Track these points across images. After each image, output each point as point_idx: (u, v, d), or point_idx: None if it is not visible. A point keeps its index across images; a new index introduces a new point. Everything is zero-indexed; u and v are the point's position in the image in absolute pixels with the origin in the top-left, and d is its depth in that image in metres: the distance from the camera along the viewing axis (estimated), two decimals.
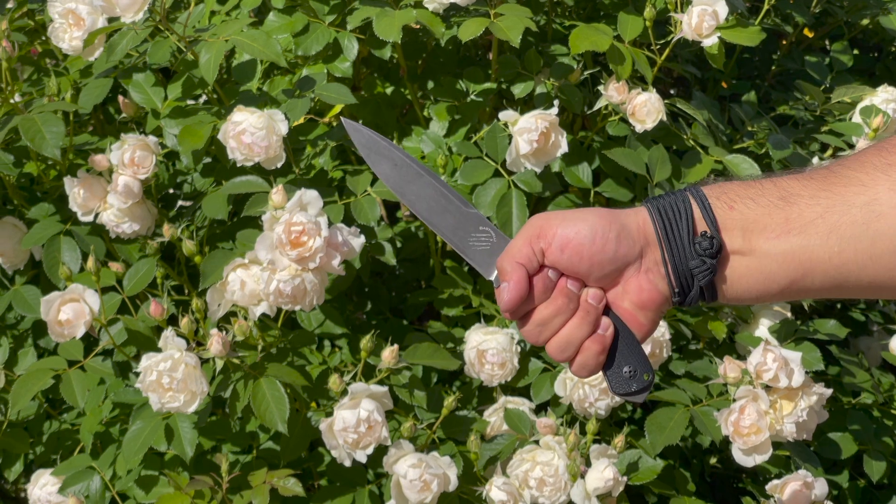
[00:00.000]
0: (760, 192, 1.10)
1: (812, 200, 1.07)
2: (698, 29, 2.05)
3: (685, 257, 1.10)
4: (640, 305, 1.13)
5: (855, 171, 1.07)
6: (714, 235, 1.09)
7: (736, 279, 1.10)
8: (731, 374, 1.82)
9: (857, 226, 1.04)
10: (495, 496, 1.78)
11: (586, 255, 1.10)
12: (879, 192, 1.04)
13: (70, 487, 1.94)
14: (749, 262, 1.09)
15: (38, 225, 2.11)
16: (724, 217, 1.10)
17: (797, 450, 1.96)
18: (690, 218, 1.10)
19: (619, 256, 1.10)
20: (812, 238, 1.06)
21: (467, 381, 2.13)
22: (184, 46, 2.03)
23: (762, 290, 1.10)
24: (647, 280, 1.11)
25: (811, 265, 1.07)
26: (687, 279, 1.10)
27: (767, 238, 1.08)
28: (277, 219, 1.75)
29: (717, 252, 1.09)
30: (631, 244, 1.10)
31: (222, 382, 1.83)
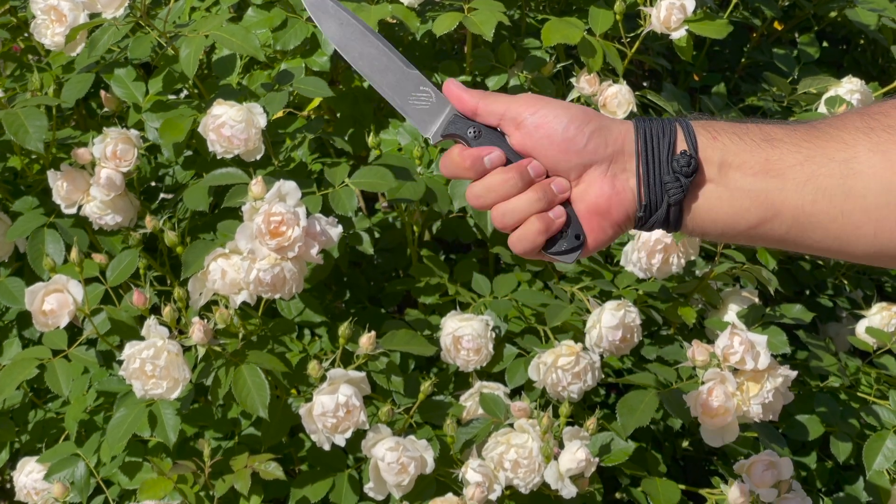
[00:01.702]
0: (745, 131, 1.12)
1: (794, 147, 1.09)
2: (667, 22, 2.09)
3: (660, 171, 1.12)
4: (597, 210, 1.14)
5: (837, 130, 1.09)
6: (693, 155, 1.11)
7: (705, 208, 1.12)
8: (700, 357, 1.85)
9: (835, 178, 1.07)
10: (471, 478, 1.81)
11: (556, 139, 1.13)
12: (859, 152, 1.07)
13: (55, 474, 1.97)
14: (721, 193, 1.11)
15: (23, 218, 2.13)
16: (706, 144, 1.12)
17: (764, 431, 2.00)
18: (673, 137, 1.12)
19: (587, 150, 1.12)
20: (789, 182, 1.09)
21: (444, 366, 2.16)
22: (164, 42, 2.06)
23: (728, 224, 1.13)
24: (610, 185, 1.13)
25: (783, 208, 1.10)
26: (657, 195, 1.12)
27: (745, 173, 1.10)
28: (257, 209, 1.78)
29: (692, 171, 1.11)
30: (603, 144, 1.12)
31: (204, 370, 1.85)
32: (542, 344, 2.04)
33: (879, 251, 1.10)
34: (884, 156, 1.06)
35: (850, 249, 1.11)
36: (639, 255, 2.01)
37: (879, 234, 1.08)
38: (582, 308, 2.05)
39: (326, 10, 1.23)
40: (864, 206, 1.07)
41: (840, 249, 1.12)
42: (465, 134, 1.18)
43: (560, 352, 1.93)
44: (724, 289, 2.21)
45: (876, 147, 1.07)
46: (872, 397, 2.18)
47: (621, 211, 1.14)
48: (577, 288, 2.10)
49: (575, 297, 2.09)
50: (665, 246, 1.99)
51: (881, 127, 1.08)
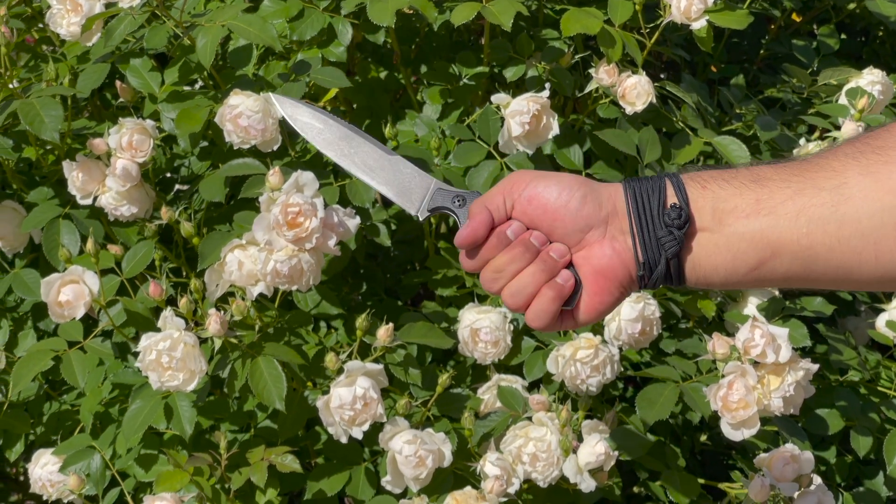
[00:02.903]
0: (734, 175, 1.12)
1: (783, 183, 1.09)
2: (687, 12, 2.07)
3: (653, 227, 1.13)
4: (601, 272, 1.15)
5: (827, 160, 1.09)
6: (682, 207, 1.11)
7: (703, 257, 1.13)
8: (720, 350, 1.84)
9: (826, 207, 1.07)
10: (489, 471, 1.81)
11: (550, 209, 1.14)
12: (849, 177, 1.06)
13: (71, 466, 1.97)
14: (717, 239, 1.12)
15: (38, 208, 2.13)
16: (696, 195, 1.12)
17: (785, 424, 1.99)
18: (663, 192, 1.13)
19: (581, 215, 1.14)
20: (781, 219, 1.08)
21: (461, 359, 2.15)
22: (180, 32, 2.05)
23: (730, 270, 1.13)
24: (610, 247, 1.14)
25: (779, 246, 1.09)
26: (654, 251, 1.13)
27: (737, 217, 1.10)
28: (274, 200, 1.77)
29: (684, 223, 1.11)
30: (597, 207, 1.14)
31: (220, 362, 1.85)
32: (561, 337, 2.03)
33: (885, 275, 1.09)
34: (874, 177, 1.05)
35: (855, 277, 1.10)
36: None
37: (881, 257, 1.07)
38: None
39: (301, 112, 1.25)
40: (860, 230, 1.06)
41: (846, 278, 1.11)
42: (449, 204, 1.22)
43: (579, 345, 1.91)
44: None
45: (865, 170, 1.06)
46: (893, 391, 2.17)
47: (625, 271, 1.15)
48: None
49: None
50: None
51: (870, 150, 1.07)
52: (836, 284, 1.14)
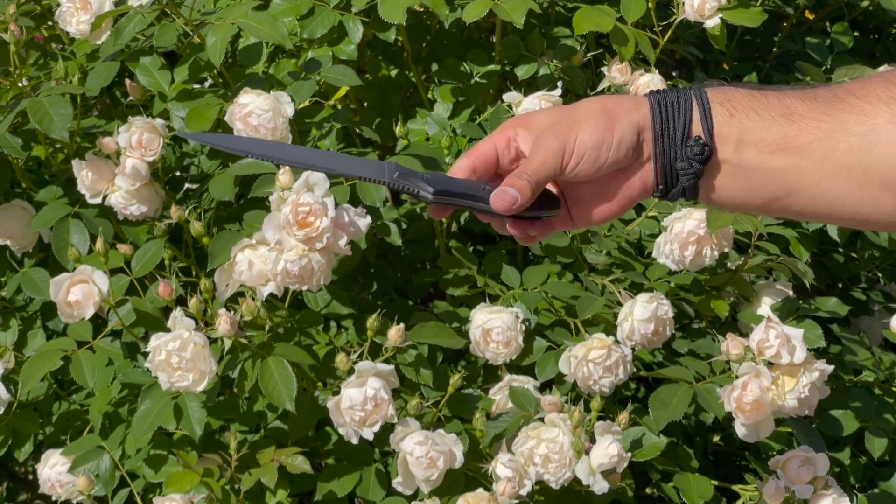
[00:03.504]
0: (764, 106, 1.09)
1: (813, 122, 1.07)
2: (700, 10, 2.06)
3: (673, 157, 1.10)
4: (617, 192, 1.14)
5: (859, 99, 1.06)
6: (707, 143, 1.09)
7: (721, 185, 1.11)
8: (734, 350, 1.83)
9: (853, 153, 1.05)
10: (501, 472, 1.80)
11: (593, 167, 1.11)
12: (879, 124, 1.04)
13: (80, 467, 1.96)
14: (737, 171, 1.10)
15: (47, 208, 2.12)
16: (722, 124, 1.09)
17: (799, 426, 1.98)
18: (688, 119, 1.10)
19: (617, 161, 1.11)
20: (806, 160, 1.07)
21: (472, 359, 2.14)
22: (190, 30, 2.04)
23: (744, 199, 1.11)
24: (634, 175, 1.13)
25: (799, 186, 1.08)
26: (671, 177, 1.11)
27: (761, 151, 1.08)
28: (284, 199, 1.76)
29: (706, 159, 1.09)
30: (626, 151, 1.11)
31: (230, 362, 1.84)
32: (573, 337, 2.02)
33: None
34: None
35: (871, 220, 1.09)
36: (671, 247, 1.98)
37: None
38: (613, 300, 2.03)
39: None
40: (882, 178, 1.05)
41: (862, 221, 1.10)
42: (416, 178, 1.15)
43: (591, 345, 1.90)
44: (758, 281, 2.18)
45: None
46: None
47: (641, 191, 1.14)
48: (608, 280, 2.07)
49: (606, 290, 2.06)
50: (698, 238, 1.96)
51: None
52: (850, 224, 1.14)
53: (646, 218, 2.16)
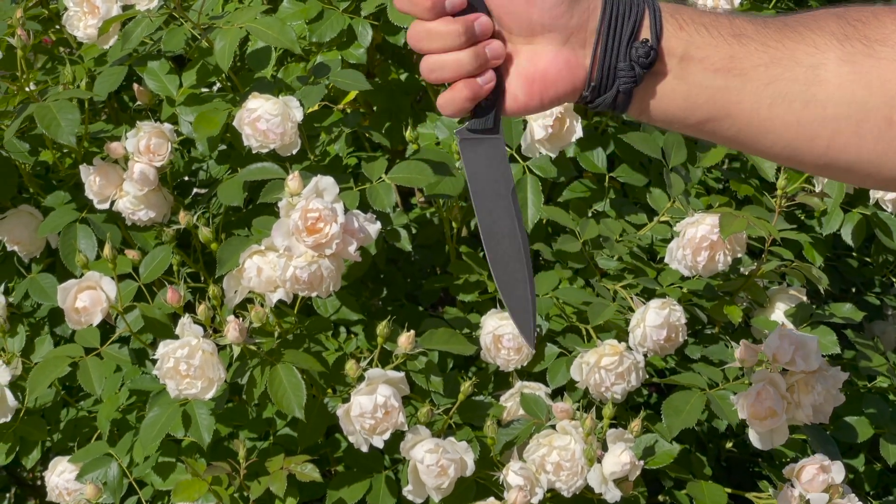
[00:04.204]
0: (714, 23, 1.07)
1: (761, 47, 1.04)
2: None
3: (616, 56, 1.06)
4: (541, 78, 1.08)
5: (811, 31, 1.04)
6: (653, 46, 1.05)
7: (657, 97, 1.08)
8: (748, 357, 1.82)
9: (798, 84, 1.03)
10: (512, 480, 1.78)
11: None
12: (829, 58, 1.02)
13: (87, 474, 1.95)
14: (677, 85, 1.07)
15: (54, 213, 2.11)
16: (671, 33, 1.06)
17: (814, 433, 1.96)
18: (638, 22, 1.06)
19: (551, 14, 1.06)
20: (749, 83, 1.04)
21: (483, 366, 2.13)
22: (198, 34, 2.03)
23: (678, 116, 1.08)
24: (565, 59, 1.07)
25: (738, 109, 1.05)
26: (608, 78, 1.07)
27: (706, 68, 1.05)
28: (293, 205, 1.75)
29: (650, 63, 1.05)
30: (569, 13, 1.06)
31: (239, 369, 1.83)
32: (585, 343, 2.00)
33: (830, 163, 1.06)
34: (853, 67, 1.02)
35: (801, 158, 1.07)
36: (684, 253, 1.97)
37: (833, 146, 1.04)
38: (625, 306, 2.01)
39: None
40: (823, 115, 1.03)
41: (791, 157, 1.08)
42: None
43: (603, 351, 1.89)
44: (771, 286, 2.17)
45: (848, 57, 1.02)
46: None
47: (568, 86, 1.09)
48: (619, 286, 2.06)
49: (618, 295, 2.05)
50: (711, 243, 1.95)
51: (857, 36, 1.03)
52: (779, 160, 1.12)
53: (658, 223, 2.15)
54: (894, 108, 1.01)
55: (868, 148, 1.04)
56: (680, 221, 2.00)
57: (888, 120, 1.02)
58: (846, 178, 1.11)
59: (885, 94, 1.01)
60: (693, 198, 2.18)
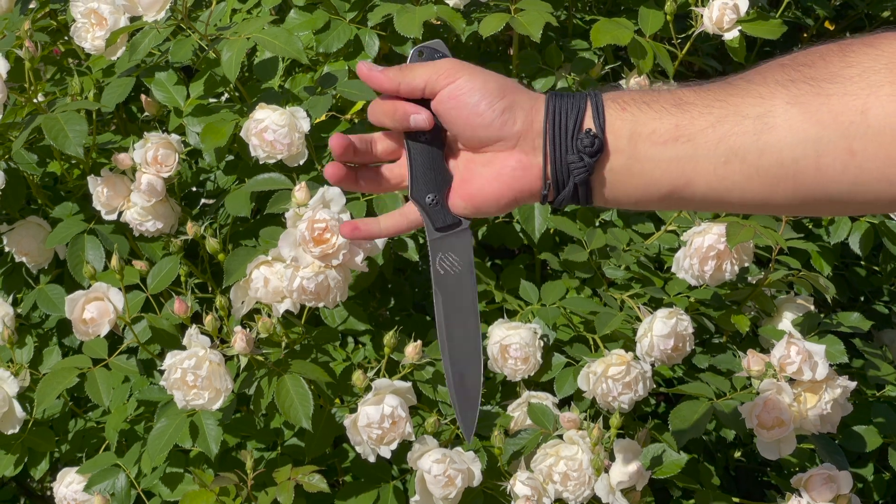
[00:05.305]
0: (655, 99, 1.09)
1: (706, 109, 1.06)
2: (719, 23, 2.05)
3: (564, 151, 1.10)
4: (500, 180, 1.13)
5: (754, 84, 1.05)
6: (597, 135, 1.08)
7: (616, 182, 1.10)
8: (755, 367, 1.81)
9: (748, 136, 1.03)
10: (519, 491, 1.78)
11: (465, 112, 1.12)
12: (776, 105, 1.03)
13: (95, 485, 1.95)
14: (632, 165, 1.09)
15: (62, 224, 2.12)
16: (614, 118, 1.09)
17: (821, 443, 1.96)
18: (581, 114, 1.10)
19: (493, 126, 1.11)
20: (700, 147, 1.05)
21: (490, 376, 2.12)
22: (206, 45, 2.03)
23: (642, 195, 1.10)
24: (517, 160, 1.12)
25: (695, 174, 1.06)
26: (563, 174, 1.10)
27: (654, 143, 1.07)
28: (300, 216, 1.76)
29: (596, 151, 1.08)
30: (512, 121, 1.11)
31: (246, 379, 1.83)
32: (592, 353, 2.00)
33: (802, 202, 1.06)
34: (802, 108, 1.02)
35: (773, 204, 1.08)
36: (691, 262, 1.96)
37: (799, 187, 1.04)
38: (632, 316, 2.01)
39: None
40: (780, 160, 1.03)
41: (764, 204, 1.08)
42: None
43: (610, 361, 1.88)
44: (779, 296, 2.16)
45: (794, 99, 1.02)
46: None
47: (524, 186, 1.13)
48: (627, 295, 2.06)
49: (625, 305, 2.04)
50: (718, 252, 1.95)
51: (802, 78, 1.03)
52: (752, 211, 1.13)
53: (665, 232, 2.15)
54: (853, 139, 1.00)
55: (835, 181, 1.03)
56: (687, 231, 1.99)
57: (849, 151, 1.01)
58: (826, 211, 1.12)
59: (839, 127, 1.01)
60: None
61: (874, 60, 1.01)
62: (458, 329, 1.21)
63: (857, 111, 1.00)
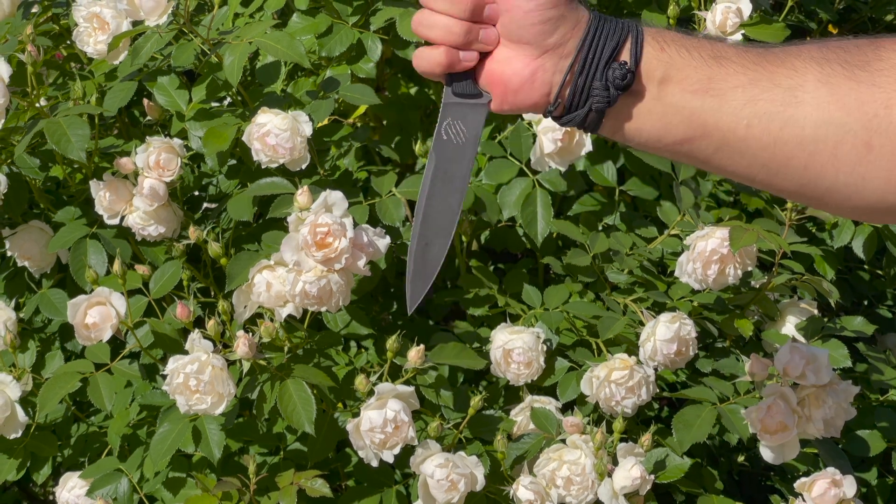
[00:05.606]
0: (696, 45, 1.08)
1: (741, 68, 1.05)
2: (722, 26, 2.04)
3: (592, 76, 1.08)
4: (506, 84, 1.11)
5: (791, 56, 1.05)
6: (631, 69, 1.07)
7: (632, 117, 1.09)
8: (759, 371, 1.81)
9: (776, 104, 1.04)
10: (522, 495, 1.78)
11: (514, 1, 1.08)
12: (807, 80, 1.03)
13: (98, 490, 1.95)
14: (653, 106, 1.08)
15: (65, 228, 2.11)
16: (652, 55, 1.07)
17: (825, 447, 1.95)
18: (620, 43, 1.08)
19: (531, 30, 1.08)
20: (726, 104, 1.05)
21: (493, 380, 2.12)
22: (208, 49, 2.03)
23: (653, 137, 1.10)
24: (531, 73, 1.10)
25: (714, 129, 1.06)
26: (580, 95, 1.09)
27: (684, 89, 1.06)
28: (303, 220, 1.75)
29: (626, 86, 1.07)
30: (549, 33, 1.08)
31: (249, 384, 1.83)
32: (595, 357, 2.00)
33: (805, 186, 1.07)
34: (831, 88, 1.03)
35: (776, 181, 1.08)
36: (694, 266, 1.96)
37: (809, 168, 1.05)
38: (635, 320, 2.01)
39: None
40: (800, 136, 1.03)
41: (766, 180, 1.09)
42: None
43: (613, 365, 1.88)
44: (782, 300, 2.16)
45: (826, 79, 1.03)
46: None
47: (528, 99, 1.11)
48: (630, 299, 2.05)
49: (628, 309, 2.04)
50: (721, 257, 1.94)
51: (837, 60, 1.04)
52: (754, 182, 1.12)
53: (668, 236, 2.14)
54: (873, 133, 1.01)
55: (846, 171, 1.04)
56: (690, 235, 1.99)
57: (867, 144, 1.02)
58: (823, 203, 1.10)
59: (862, 117, 1.02)
60: (703, 211, 2.17)
61: None
62: (440, 200, 1.18)
63: (882, 104, 1.01)
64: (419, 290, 1.21)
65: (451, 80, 1.14)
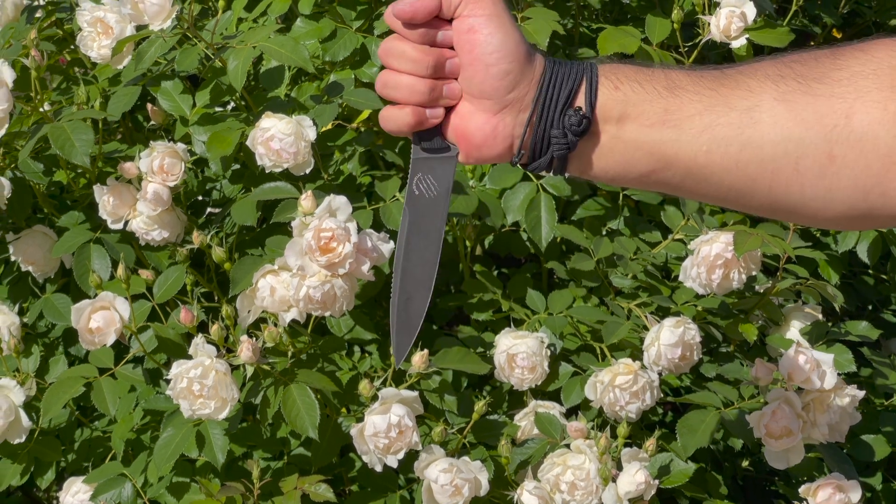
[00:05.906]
0: (649, 78, 1.08)
1: (696, 97, 1.05)
2: (726, 31, 2.04)
3: (549, 125, 1.09)
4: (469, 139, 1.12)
5: (745, 77, 1.06)
6: (586, 115, 1.07)
7: (595, 157, 1.10)
8: (763, 376, 1.81)
9: (733, 128, 1.04)
10: (526, 500, 1.77)
11: (474, 52, 1.08)
12: (763, 100, 1.03)
13: (102, 495, 1.95)
14: (614, 144, 1.08)
15: (69, 233, 2.11)
16: (606, 97, 1.08)
17: (830, 452, 1.95)
18: (574, 89, 1.08)
19: (491, 85, 1.09)
20: (684, 133, 1.05)
21: (497, 385, 2.12)
22: (212, 53, 2.03)
23: (619, 171, 1.10)
24: (493, 127, 1.10)
25: (676, 160, 1.06)
26: (541, 145, 1.10)
27: (641, 125, 1.07)
28: (307, 225, 1.75)
29: (583, 131, 1.08)
30: (508, 88, 1.09)
31: (253, 389, 1.83)
32: (599, 362, 2.00)
33: (776, 203, 1.07)
34: (788, 105, 1.02)
35: (745, 201, 1.08)
36: (698, 271, 1.96)
37: (775, 186, 1.05)
38: (639, 325, 2.01)
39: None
40: (761, 156, 1.03)
41: (736, 200, 1.09)
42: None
43: (617, 370, 1.88)
44: (786, 304, 2.16)
45: (782, 96, 1.03)
46: None
47: (493, 151, 1.12)
48: (634, 304, 2.05)
49: (632, 314, 2.04)
50: (725, 261, 1.94)
51: (793, 75, 1.04)
52: (727, 204, 1.13)
53: (672, 241, 2.14)
54: (834, 144, 1.01)
55: (811, 185, 1.04)
56: (694, 239, 1.99)
57: (829, 156, 1.02)
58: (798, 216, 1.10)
59: (822, 130, 1.01)
60: (707, 215, 2.17)
61: (863, 65, 1.02)
62: (417, 254, 1.18)
63: (842, 114, 1.01)
64: (405, 342, 1.23)
65: (419, 137, 1.15)
